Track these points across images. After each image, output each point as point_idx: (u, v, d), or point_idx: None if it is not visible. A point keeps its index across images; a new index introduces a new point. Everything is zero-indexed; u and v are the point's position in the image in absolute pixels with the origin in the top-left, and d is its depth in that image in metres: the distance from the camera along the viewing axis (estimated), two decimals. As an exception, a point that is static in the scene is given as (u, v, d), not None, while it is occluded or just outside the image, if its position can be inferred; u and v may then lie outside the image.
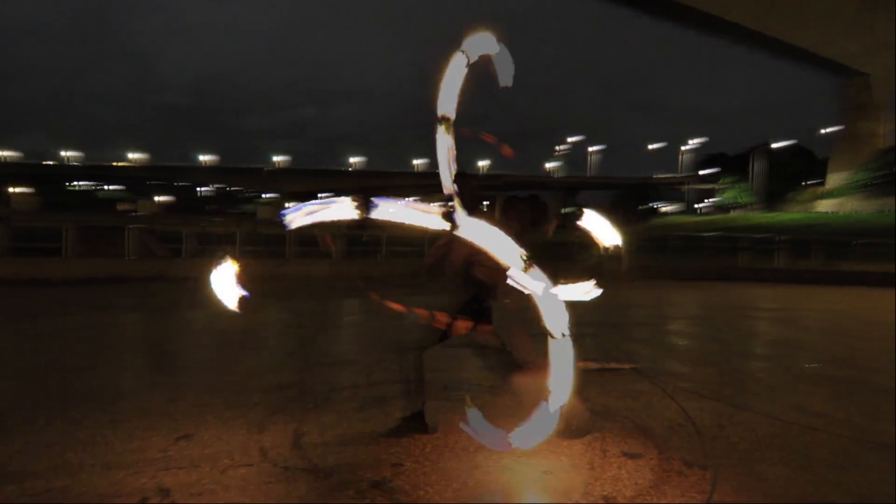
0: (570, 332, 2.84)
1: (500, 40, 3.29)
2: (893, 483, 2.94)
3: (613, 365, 5.14)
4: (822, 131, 77.89)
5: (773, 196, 70.66)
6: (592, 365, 5.08)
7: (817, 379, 5.35)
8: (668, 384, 4.73)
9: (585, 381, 4.66)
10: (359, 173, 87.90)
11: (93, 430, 3.33)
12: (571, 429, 3.23)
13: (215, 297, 2.75)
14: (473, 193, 3.11)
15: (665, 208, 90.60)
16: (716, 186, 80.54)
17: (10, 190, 73.30)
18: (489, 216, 3.14)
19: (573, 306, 2.88)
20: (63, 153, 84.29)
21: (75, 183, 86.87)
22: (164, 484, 2.66)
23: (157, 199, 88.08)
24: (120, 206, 74.44)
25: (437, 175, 3.30)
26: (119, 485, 2.65)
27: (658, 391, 4.51)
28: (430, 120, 3.24)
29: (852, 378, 5.30)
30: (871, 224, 45.80)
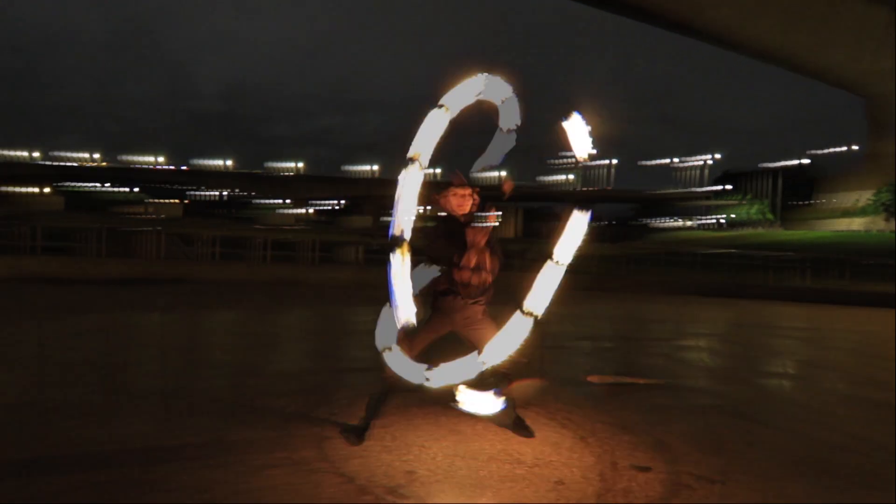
0: (594, 345, 2.91)
1: (495, 76, 3.14)
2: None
3: (628, 380, 5.15)
4: (843, 149, 76.97)
5: (790, 213, 69.83)
6: (609, 379, 5.11)
7: (849, 399, 5.28)
8: (692, 400, 4.74)
9: (607, 395, 4.72)
10: (372, 181, 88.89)
11: (132, 428, 3.48)
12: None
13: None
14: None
15: (679, 223, 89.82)
16: (733, 202, 79.81)
17: (32, 190, 74.48)
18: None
19: (597, 320, 2.95)
20: (84, 155, 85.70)
21: (95, 185, 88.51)
22: (203, 483, 2.76)
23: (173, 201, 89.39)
24: (143, 209, 75.50)
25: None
26: (161, 481, 2.77)
27: (679, 406, 4.53)
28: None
29: (885, 401, 5.15)
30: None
